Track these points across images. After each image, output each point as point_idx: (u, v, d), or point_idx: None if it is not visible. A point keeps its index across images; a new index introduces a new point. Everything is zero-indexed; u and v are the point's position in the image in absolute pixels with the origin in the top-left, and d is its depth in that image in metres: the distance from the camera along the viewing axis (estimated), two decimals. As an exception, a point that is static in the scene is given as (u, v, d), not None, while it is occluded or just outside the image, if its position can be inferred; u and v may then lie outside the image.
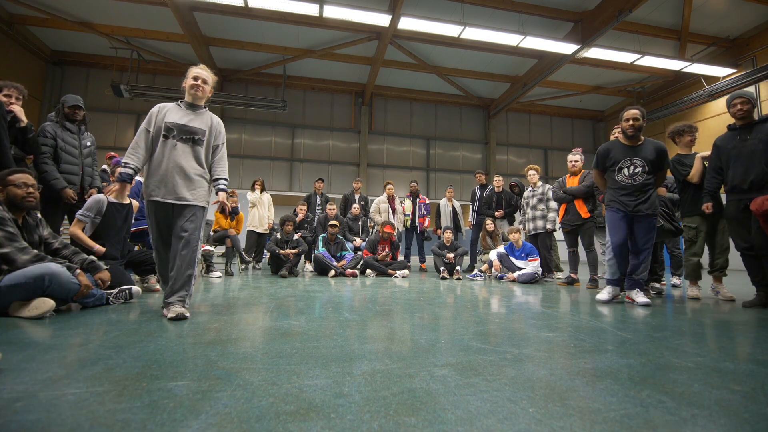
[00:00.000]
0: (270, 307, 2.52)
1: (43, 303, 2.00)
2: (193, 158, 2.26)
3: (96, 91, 11.28)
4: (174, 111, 2.30)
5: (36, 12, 9.10)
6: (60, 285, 2.09)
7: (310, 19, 8.82)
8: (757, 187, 2.78)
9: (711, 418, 0.93)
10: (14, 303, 2.03)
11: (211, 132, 2.36)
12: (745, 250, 2.92)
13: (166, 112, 2.28)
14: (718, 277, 3.41)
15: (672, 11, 9.04)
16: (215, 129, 2.38)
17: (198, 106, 2.37)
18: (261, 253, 6.51)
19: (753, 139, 2.85)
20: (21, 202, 2.23)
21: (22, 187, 2.24)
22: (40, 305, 1.99)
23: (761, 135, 2.83)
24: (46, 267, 2.07)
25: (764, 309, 2.77)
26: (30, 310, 1.98)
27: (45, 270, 2.05)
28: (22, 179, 2.26)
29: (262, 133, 12.55)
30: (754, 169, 2.79)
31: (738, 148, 2.91)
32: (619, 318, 2.33)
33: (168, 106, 2.32)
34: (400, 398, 1.02)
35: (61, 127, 3.31)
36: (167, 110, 2.29)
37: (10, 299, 2.02)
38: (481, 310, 2.59)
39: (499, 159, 14.18)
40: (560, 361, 1.38)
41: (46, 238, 2.42)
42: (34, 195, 2.29)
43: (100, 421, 0.85)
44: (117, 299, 2.48)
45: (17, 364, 1.23)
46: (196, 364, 1.28)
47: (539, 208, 4.97)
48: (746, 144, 2.87)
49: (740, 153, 2.89)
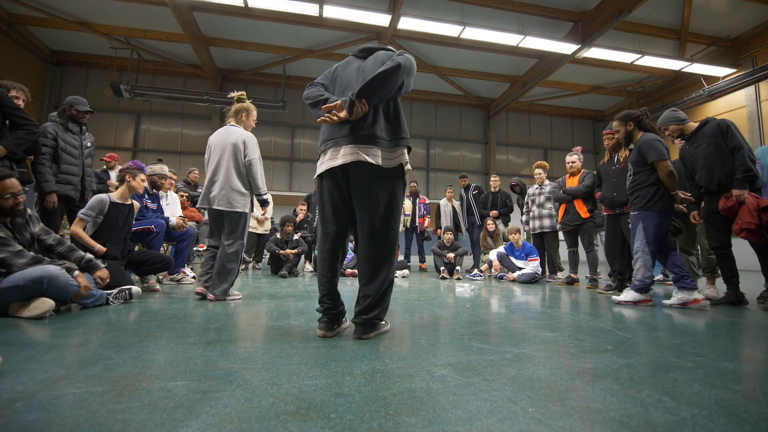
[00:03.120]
0: (270, 307, 2.52)
1: (42, 303, 2.00)
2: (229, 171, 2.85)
3: (96, 91, 11.28)
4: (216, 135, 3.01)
5: (36, 12, 9.10)
6: (59, 287, 2.08)
7: (310, 19, 8.82)
8: (725, 187, 2.86)
9: (711, 418, 0.93)
10: (14, 304, 2.03)
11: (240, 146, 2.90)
12: (716, 249, 3.00)
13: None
14: (711, 279, 3.53)
15: (672, 11, 9.05)
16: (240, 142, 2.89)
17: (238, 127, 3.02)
18: (261, 254, 6.50)
19: (701, 144, 2.99)
20: (10, 211, 2.18)
21: (10, 198, 2.17)
22: (39, 305, 1.99)
23: (706, 139, 2.95)
24: (45, 270, 2.06)
25: (732, 307, 2.82)
26: (30, 311, 1.97)
27: (43, 272, 2.04)
28: (9, 189, 2.16)
29: (262, 133, 12.55)
30: (715, 171, 2.90)
31: (694, 155, 3.05)
32: (619, 318, 2.33)
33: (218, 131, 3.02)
34: (400, 398, 1.02)
35: (63, 127, 3.31)
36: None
37: (9, 300, 2.02)
38: (481, 310, 2.59)
39: (498, 159, 14.19)
40: (560, 361, 1.38)
41: (38, 234, 2.40)
42: (21, 201, 2.22)
43: (100, 421, 0.85)
44: (117, 299, 2.48)
45: (17, 364, 1.23)
46: (196, 364, 1.28)
47: (547, 207, 4.92)
48: (698, 150, 3.01)
49: (697, 159, 3.03)
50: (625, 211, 3.49)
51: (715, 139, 2.89)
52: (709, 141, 2.93)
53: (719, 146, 2.88)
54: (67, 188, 3.26)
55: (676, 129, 3.16)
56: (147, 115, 12.13)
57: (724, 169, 2.85)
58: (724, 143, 2.86)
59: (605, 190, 3.68)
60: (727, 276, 2.96)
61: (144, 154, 11.77)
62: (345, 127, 1.69)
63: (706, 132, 2.96)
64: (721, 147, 2.87)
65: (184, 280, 3.93)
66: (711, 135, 2.93)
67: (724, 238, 2.94)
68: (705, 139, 2.96)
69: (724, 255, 2.97)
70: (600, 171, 3.82)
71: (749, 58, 9.71)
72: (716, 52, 10.27)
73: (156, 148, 12.03)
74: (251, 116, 3.06)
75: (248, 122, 3.04)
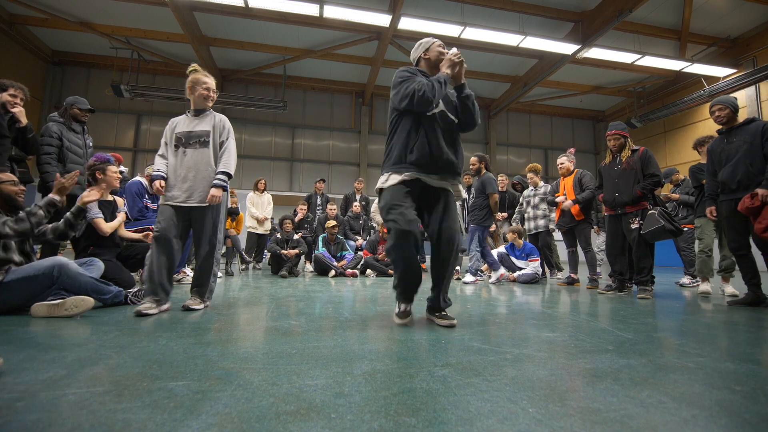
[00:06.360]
0: (270, 307, 2.52)
1: (81, 302, 1.98)
2: (203, 161, 2.39)
3: (96, 91, 11.28)
4: (182, 122, 2.48)
5: (36, 12, 9.10)
6: (69, 276, 2.09)
7: (310, 19, 8.82)
8: (744, 186, 2.86)
9: (712, 418, 0.93)
10: (40, 305, 1.99)
11: (215, 130, 2.45)
12: (735, 250, 3.01)
13: (176, 125, 2.47)
14: (725, 277, 3.58)
15: (672, 11, 9.04)
16: (218, 126, 2.47)
17: (202, 110, 2.49)
18: (261, 254, 6.51)
19: (737, 141, 2.96)
20: (15, 198, 2.22)
21: (17, 185, 2.24)
22: (79, 303, 1.98)
23: (745, 136, 2.93)
24: (55, 259, 2.10)
25: (750, 308, 2.81)
26: (68, 309, 1.95)
27: (54, 261, 2.08)
28: (12, 177, 2.26)
29: (262, 133, 12.56)
30: (740, 169, 2.89)
31: (726, 150, 3.03)
32: (620, 318, 2.33)
33: (178, 118, 2.50)
34: (400, 398, 1.02)
35: (67, 127, 3.32)
36: (177, 122, 2.48)
37: (19, 294, 2.01)
38: (481, 310, 2.59)
39: (499, 159, 14.18)
40: (560, 361, 1.38)
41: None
42: (23, 190, 2.29)
43: (100, 420, 0.85)
44: (136, 297, 2.43)
45: (18, 364, 1.23)
46: (197, 364, 1.28)
47: (541, 208, 4.98)
48: (732, 146, 2.99)
49: (728, 155, 3.01)
50: (627, 212, 3.49)
51: (753, 138, 2.87)
52: (746, 138, 2.91)
53: (754, 145, 2.86)
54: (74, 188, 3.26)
55: (724, 115, 3.05)
56: (147, 116, 12.13)
57: (751, 168, 2.84)
58: (760, 144, 2.84)
59: (607, 191, 3.68)
60: (748, 277, 2.95)
61: (144, 155, 11.77)
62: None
63: (749, 129, 2.93)
64: (755, 146, 2.85)
65: (184, 280, 3.94)
66: (752, 133, 2.90)
67: (743, 239, 2.94)
68: (744, 136, 2.93)
69: (744, 256, 2.97)
70: (601, 172, 3.83)
71: (750, 59, 9.70)
72: (717, 52, 10.26)
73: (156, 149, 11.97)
74: (196, 88, 2.45)
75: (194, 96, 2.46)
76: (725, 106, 3.06)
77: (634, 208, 3.45)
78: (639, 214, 3.42)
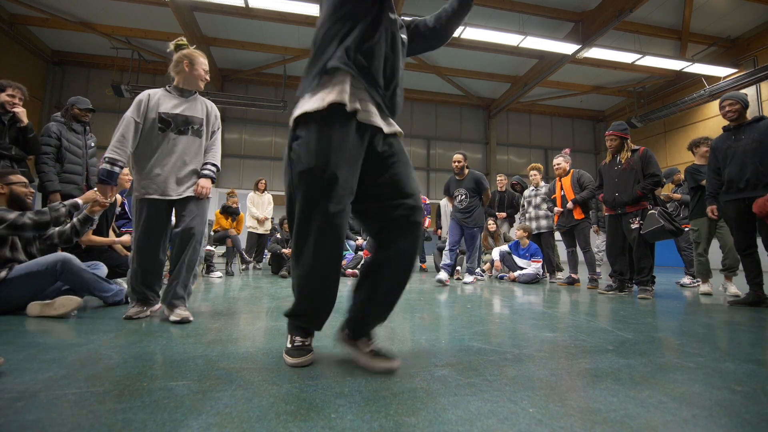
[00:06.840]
0: (270, 307, 2.52)
1: (68, 300, 1.98)
2: (194, 151, 2.12)
3: (97, 92, 11.27)
4: (166, 99, 2.10)
5: (36, 12, 9.10)
6: (72, 272, 2.10)
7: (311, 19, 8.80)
8: (752, 186, 2.83)
9: (712, 418, 0.93)
10: (33, 304, 1.99)
11: (209, 120, 2.23)
12: (742, 250, 2.99)
13: (157, 101, 2.07)
14: (728, 276, 3.58)
15: (672, 11, 9.03)
16: (211, 115, 2.25)
17: (190, 91, 2.19)
18: (261, 254, 6.51)
19: (746, 138, 2.92)
20: (24, 199, 2.24)
21: (27, 186, 2.28)
22: (66, 303, 1.97)
23: (754, 134, 2.89)
24: (58, 254, 2.11)
25: (750, 307, 2.81)
26: (56, 309, 1.95)
27: (57, 257, 2.09)
28: (23, 178, 2.29)
29: (262, 133, 12.54)
30: (749, 168, 2.85)
31: (733, 148, 2.98)
32: (620, 318, 2.33)
33: (157, 93, 2.12)
34: (400, 398, 1.02)
35: (67, 127, 3.32)
36: (158, 98, 2.09)
37: (22, 292, 2.01)
38: (481, 310, 2.59)
39: (499, 159, 14.17)
40: (561, 361, 1.38)
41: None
42: (32, 194, 2.34)
43: (100, 420, 0.85)
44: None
45: (18, 364, 1.23)
46: (197, 363, 1.28)
47: (543, 208, 4.97)
48: (740, 144, 2.94)
49: (735, 153, 2.96)
50: (627, 212, 3.49)
51: (763, 136, 2.84)
52: (755, 136, 2.87)
53: (764, 144, 2.83)
54: (70, 187, 3.26)
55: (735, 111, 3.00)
56: (148, 115, 12.12)
57: (760, 167, 2.81)
58: None
59: (607, 191, 3.68)
60: (751, 276, 2.95)
61: (145, 154, 11.78)
62: None
63: (759, 127, 2.90)
64: (765, 145, 2.82)
65: None
66: (761, 131, 2.87)
67: (750, 239, 2.94)
68: (753, 134, 2.89)
69: (749, 255, 2.97)
70: (601, 172, 3.82)
71: (750, 59, 9.69)
72: (717, 52, 10.25)
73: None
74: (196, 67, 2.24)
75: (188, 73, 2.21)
76: (736, 101, 3.01)
77: (634, 208, 3.45)
78: (639, 214, 3.42)
